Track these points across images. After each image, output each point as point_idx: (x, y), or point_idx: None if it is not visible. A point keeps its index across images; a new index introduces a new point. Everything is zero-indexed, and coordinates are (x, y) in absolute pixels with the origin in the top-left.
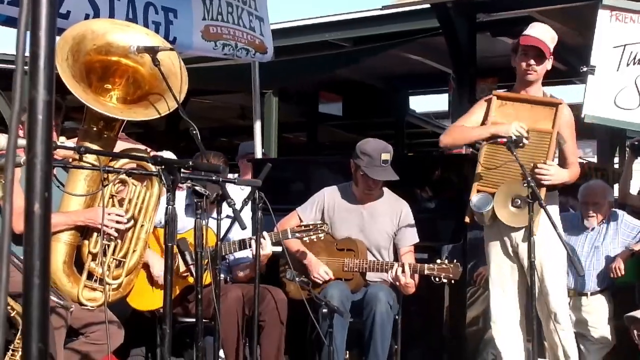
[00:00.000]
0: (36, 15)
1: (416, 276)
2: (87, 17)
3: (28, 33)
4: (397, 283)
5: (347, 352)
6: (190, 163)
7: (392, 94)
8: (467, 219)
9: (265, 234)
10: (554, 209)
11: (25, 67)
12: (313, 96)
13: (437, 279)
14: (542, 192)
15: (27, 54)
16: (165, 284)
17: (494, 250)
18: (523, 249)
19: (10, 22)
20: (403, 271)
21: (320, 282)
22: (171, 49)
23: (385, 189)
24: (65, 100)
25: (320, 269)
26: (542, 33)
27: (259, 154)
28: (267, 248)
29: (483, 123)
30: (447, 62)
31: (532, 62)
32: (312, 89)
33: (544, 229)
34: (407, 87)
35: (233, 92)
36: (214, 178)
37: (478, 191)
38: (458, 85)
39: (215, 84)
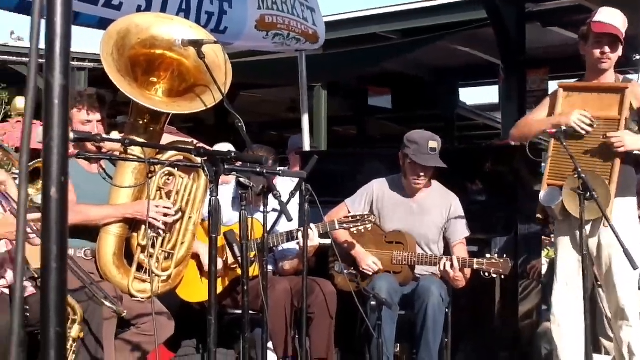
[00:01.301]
0: (51, 0)
1: (468, 270)
2: (139, 8)
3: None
4: (447, 277)
5: (398, 345)
6: (233, 154)
7: (442, 87)
8: (538, 216)
9: (312, 225)
10: (629, 202)
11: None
12: (362, 89)
13: (486, 274)
14: (614, 176)
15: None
16: (209, 275)
17: (563, 244)
18: (593, 242)
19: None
20: (452, 265)
21: (370, 274)
22: (215, 42)
23: (434, 182)
24: (117, 96)
25: (369, 260)
26: (614, 18)
27: (307, 147)
28: (315, 239)
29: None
30: (496, 53)
31: (606, 49)
32: (360, 82)
33: (616, 220)
34: (456, 79)
35: (281, 86)
36: (258, 170)
37: (548, 185)
38: (507, 76)
39: (264, 78)
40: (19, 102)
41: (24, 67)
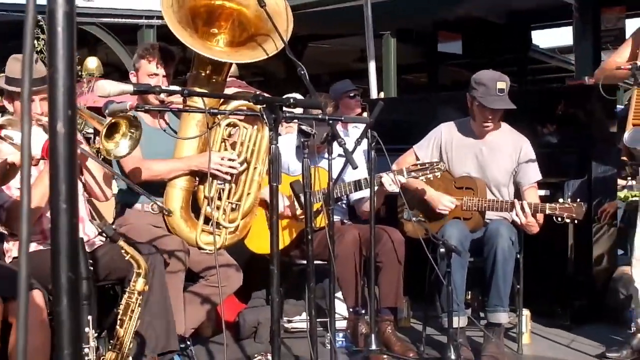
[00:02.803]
0: None
1: (540, 215)
2: None
3: None
4: (519, 223)
5: (469, 292)
6: (292, 100)
7: (513, 30)
8: (624, 158)
9: (384, 174)
10: None
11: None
12: (432, 36)
13: (559, 219)
14: None
15: None
16: (271, 224)
17: None
18: None
19: None
20: (523, 211)
21: (447, 212)
22: None
23: (504, 124)
24: (186, 52)
25: (445, 200)
26: None
27: (374, 94)
28: (392, 187)
29: (633, 57)
30: None
31: None
32: (430, 28)
33: None
34: (528, 21)
35: (349, 36)
36: (320, 117)
37: (633, 125)
38: (581, 15)
39: (331, 27)
40: (90, 62)
41: (94, 27)
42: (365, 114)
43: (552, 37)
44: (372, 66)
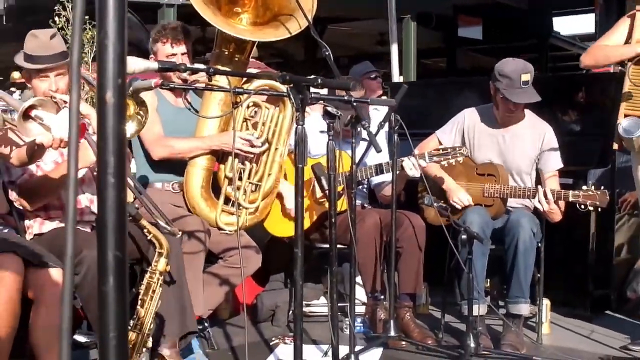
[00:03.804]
0: None
1: (562, 202)
2: None
3: None
4: (541, 210)
5: (488, 280)
6: (320, 80)
7: (535, 16)
8: (615, 145)
9: (405, 158)
10: None
11: None
12: (452, 20)
13: (582, 206)
14: None
15: None
16: (296, 206)
17: None
18: None
19: None
20: (546, 197)
21: (459, 208)
22: None
23: (527, 111)
24: (206, 32)
25: (460, 194)
26: None
27: (395, 78)
28: (413, 171)
29: (627, 41)
30: None
31: None
32: (451, 13)
33: None
34: (550, 7)
35: (370, 19)
36: (346, 98)
37: (626, 115)
38: (605, 3)
39: (351, 9)
40: None
41: None
42: (384, 98)
43: (573, 24)
44: (394, 49)
